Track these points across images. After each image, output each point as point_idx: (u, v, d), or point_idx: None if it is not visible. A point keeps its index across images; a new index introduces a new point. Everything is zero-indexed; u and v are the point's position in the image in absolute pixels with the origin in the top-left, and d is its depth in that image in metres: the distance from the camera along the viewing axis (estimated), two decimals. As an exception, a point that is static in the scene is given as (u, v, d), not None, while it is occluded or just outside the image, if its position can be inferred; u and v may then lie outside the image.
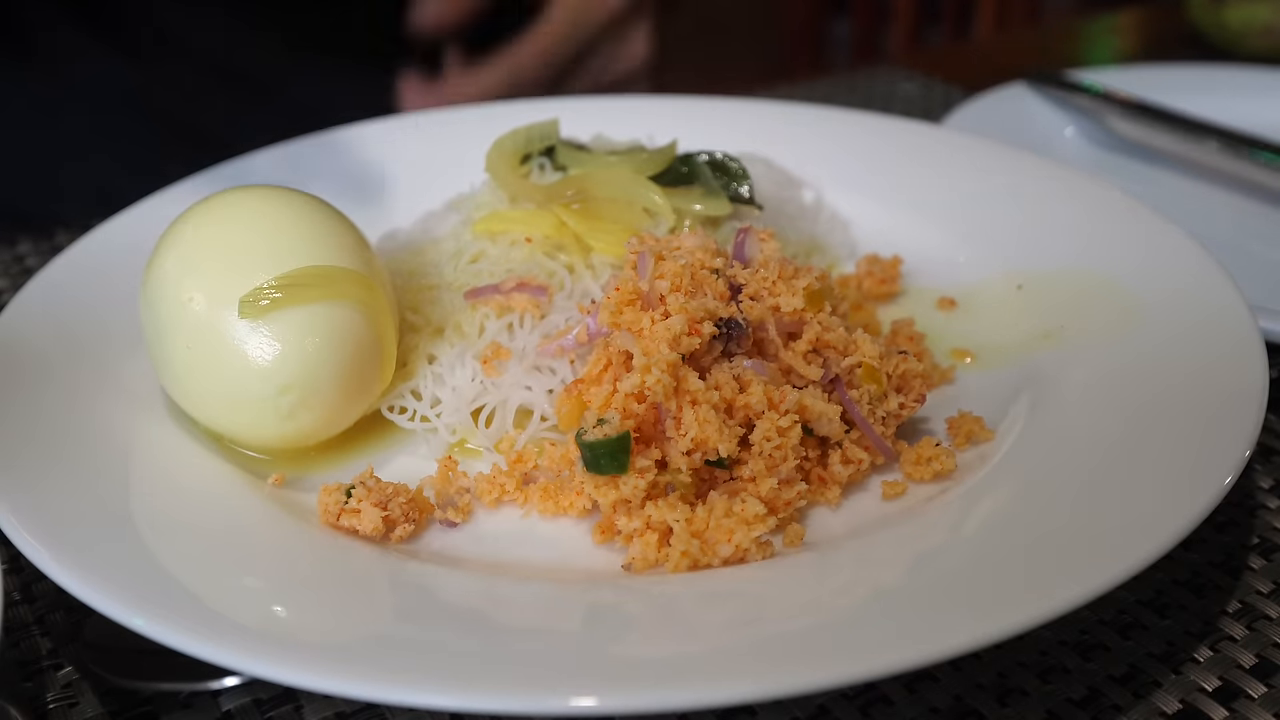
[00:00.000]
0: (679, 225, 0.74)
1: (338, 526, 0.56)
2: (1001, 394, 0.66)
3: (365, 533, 0.55)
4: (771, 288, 0.63)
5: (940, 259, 0.81)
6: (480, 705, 0.43)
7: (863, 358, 0.62)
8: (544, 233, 0.72)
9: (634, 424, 0.56)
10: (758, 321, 0.61)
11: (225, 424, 0.62)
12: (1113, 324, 0.68)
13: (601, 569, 0.55)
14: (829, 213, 0.88)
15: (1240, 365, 0.61)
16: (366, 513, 0.55)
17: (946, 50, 2.21)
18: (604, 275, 0.71)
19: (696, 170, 0.76)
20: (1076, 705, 0.52)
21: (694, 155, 0.78)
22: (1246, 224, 0.96)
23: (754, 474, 0.56)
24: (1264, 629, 0.56)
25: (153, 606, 0.47)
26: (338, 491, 0.56)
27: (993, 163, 0.89)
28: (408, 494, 0.57)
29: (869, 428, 0.60)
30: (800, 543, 0.56)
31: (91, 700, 0.53)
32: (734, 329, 0.60)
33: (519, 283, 0.69)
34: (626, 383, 0.57)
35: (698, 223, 0.74)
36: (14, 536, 0.51)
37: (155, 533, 0.53)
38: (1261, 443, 0.68)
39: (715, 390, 0.57)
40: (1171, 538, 0.50)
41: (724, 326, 0.60)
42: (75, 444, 0.58)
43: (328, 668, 0.44)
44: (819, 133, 0.95)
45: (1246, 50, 1.36)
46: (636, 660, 0.46)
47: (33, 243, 0.95)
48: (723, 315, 0.60)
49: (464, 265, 0.74)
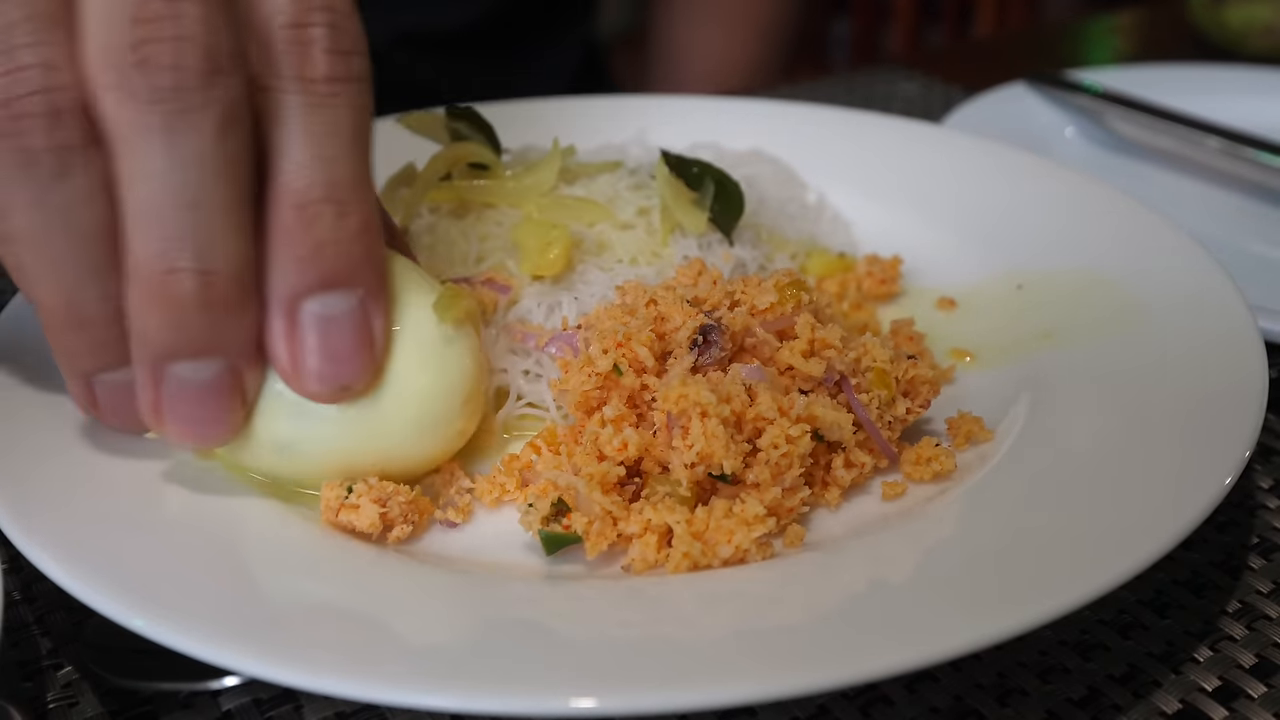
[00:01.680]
0: (667, 230, 0.74)
1: (336, 523, 0.56)
2: (1001, 394, 0.66)
3: (362, 529, 0.55)
4: (743, 294, 0.63)
5: (940, 259, 0.81)
6: (479, 706, 0.43)
7: (873, 362, 0.61)
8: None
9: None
10: (742, 328, 0.61)
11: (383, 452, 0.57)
12: (1112, 324, 0.69)
13: (600, 569, 0.55)
14: (831, 213, 0.88)
15: (1240, 365, 0.61)
16: (365, 509, 0.55)
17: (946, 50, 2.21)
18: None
19: (704, 182, 0.76)
20: (1076, 705, 0.52)
21: (710, 168, 0.76)
22: (1246, 224, 0.96)
23: (758, 480, 0.55)
24: (1264, 629, 0.56)
25: (153, 606, 0.47)
26: (339, 487, 0.56)
27: (993, 163, 0.89)
28: (408, 494, 0.57)
29: (876, 432, 0.60)
30: (800, 543, 0.56)
31: (91, 700, 0.53)
32: (710, 331, 0.60)
33: (487, 278, 0.70)
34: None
35: (673, 226, 0.74)
36: (14, 536, 0.51)
37: (155, 533, 0.53)
38: (1261, 443, 0.68)
39: (726, 403, 0.56)
40: (1172, 538, 0.50)
41: (701, 334, 0.60)
42: (75, 444, 0.58)
43: (327, 668, 0.44)
44: (818, 132, 0.95)
45: (1247, 50, 1.36)
46: (636, 661, 0.46)
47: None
48: (702, 324, 0.60)
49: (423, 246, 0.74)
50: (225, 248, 0.48)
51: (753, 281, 0.64)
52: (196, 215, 0.47)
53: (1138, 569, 0.48)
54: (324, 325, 0.51)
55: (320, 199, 0.49)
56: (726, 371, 0.60)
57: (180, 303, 0.47)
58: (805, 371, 0.60)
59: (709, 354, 0.60)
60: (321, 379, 0.52)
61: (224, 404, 0.52)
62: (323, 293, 0.50)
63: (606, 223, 0.74)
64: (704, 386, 0.56)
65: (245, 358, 0.51)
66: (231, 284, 0.48)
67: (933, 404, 0.64)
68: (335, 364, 0.52)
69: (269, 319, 0.51)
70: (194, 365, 0.50)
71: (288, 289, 0.50)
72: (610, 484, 0.56)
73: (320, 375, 0.52)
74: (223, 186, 0.47)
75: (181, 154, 0.46)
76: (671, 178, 0.74)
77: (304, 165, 0.48)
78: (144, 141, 0.46)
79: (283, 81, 0.48)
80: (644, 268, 0.73)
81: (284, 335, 0.51)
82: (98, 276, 0.49)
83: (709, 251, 0.75)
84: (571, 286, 0.71)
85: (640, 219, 0.75)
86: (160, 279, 0.47)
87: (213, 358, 0.50)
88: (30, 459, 0.56)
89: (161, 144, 0.46)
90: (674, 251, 0.74)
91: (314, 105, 0.48)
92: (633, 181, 0.78)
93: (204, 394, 0.51)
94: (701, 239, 0.75)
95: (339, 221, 0.49)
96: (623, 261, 0.73)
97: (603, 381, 0.59)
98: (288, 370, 0.52)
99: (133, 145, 0.46)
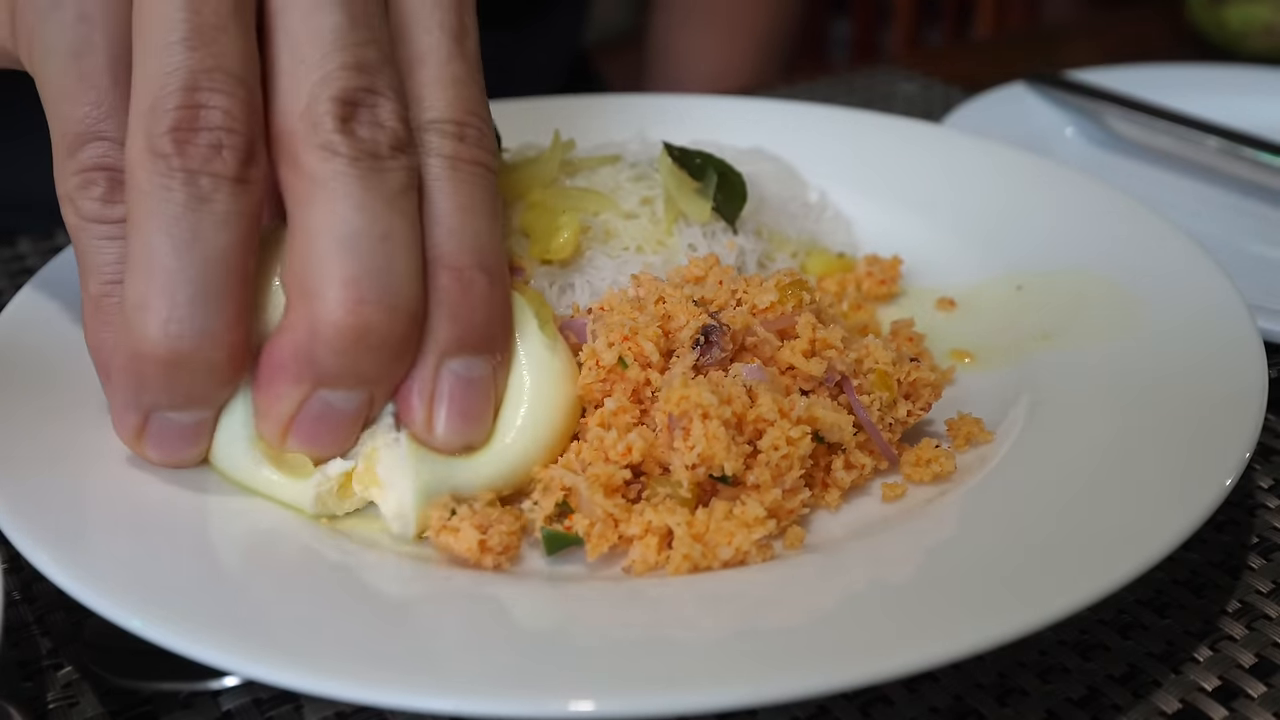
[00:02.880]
0: (670, 218, 0.74)
1: (437, 543, 0.55)
2: (1001, 394, 0.66)
3: (459, 553, 0.54)
4: (744, 294, 0.63)
5: (940, 259, 0.81)
6: (478, 708, 0.43)
7: (875, 363, 0.61)
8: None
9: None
10: (743, 327, 0.61)
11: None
12: (1112, 324, 0.68)
13: (601, 571, 0.55)
14: (833, 212, 0.88)
15: (1240, 365, 0.61)
16: (464, 533, 0.54)
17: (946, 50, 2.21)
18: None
19: (706, 173, 0.76)
20: (1076, 705, 0.52)
21: (713, 159, 0.77)
22: (1246, 224, 0.96)
23: (759, 482, 0.55)
24: (1264, 628, 0.56)
25: (152, 607, 0.47)
26: (443, 508, 0.55)
27: (993, 163, 0.89)
28: (511, 524, 0.55)
29: (877, 434, 0.60)
30: (801, 545, 0.56)
31: (91, 700, 0.53)
32: (711, 331, 0.60)
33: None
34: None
35: (677, 214, 0.75)
36: (14, 536, 0.51)
37: (155, 533, 0.53)
38: (1261, 443, 0.68)
39: (727, 405, 0.56)
40: (1173, 539, 0.50)
41: (704, 334, 0.60)
42: (75, 444, 0.58)
43: (327, 669, 0.44)
44: (818, 132, 0.95)
45: (1246, 50, 1.36)
46: (636, 663, 0.45)
47: (33, 243, 0.95)
48: (705, 324, 0.60)
49: None
50: (408, 284, 0.52)
51: (755, 280, 0.64)
52: (386, 248, 0.51)
53: (1138, 571, 0.48)
54: (463, 386, 0.55)
55: (474, 266, 0.54)
56: (728, 371, 0.60)
57: (365, 334, 0.51)
58: (806, 371, 0.60)
59: (710, 354, 0.60)
60: (449, 433, 0.55)
61: (354, 428, 0.56)
62: (466, 355, 0.54)
63: (610, 212, 0.74)
64: (705, 388, 0.56)
65: (386, 392, 0.55)
66: (409, 322, 0.52)
67: (933, 406, 0.64)
68: (466, 422, 0.55)
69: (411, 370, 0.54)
70: (347, 395, 0.53)
71: (436, 346, 0.53)
72: (614, 487, 0.56)
73: (449, 429, 0.55)
74: (408, 230, 0.52)
75: (375, 198, 0.51)
76: (675, 168, 0.75)
77: (458, 234, 0.53)
78: (339, 183, 0.50)
79: (442, 160, 0.54)
80: (651, 255, 0.74)
81: (423, 388, 0.54)
82: (207, 306, 0.50)
83: (713, 240, 0.75)
84: (582, 271, 0.72)
85: (644, 209, 0.76)
86: (350, 308, 0.50)
87: (365, 388, 0.54)
88: (30, 459, 0.56)
89: (357, 188, 0.50)
90: (679, 240, 0.74)
91: (464, 181, 0.54)
92: (634, 173, 0.78)
93: (344, 419, 0.54)
94: (706, 228, 0.76)
95: (490, 290, 0.54)
96: (629, 249, 0.74)
97: (606, 375, 0.59)
98: (419, 420, 0.55)
99: (327, 186, 0.50)
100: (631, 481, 0.57)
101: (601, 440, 0.57)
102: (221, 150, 0.50)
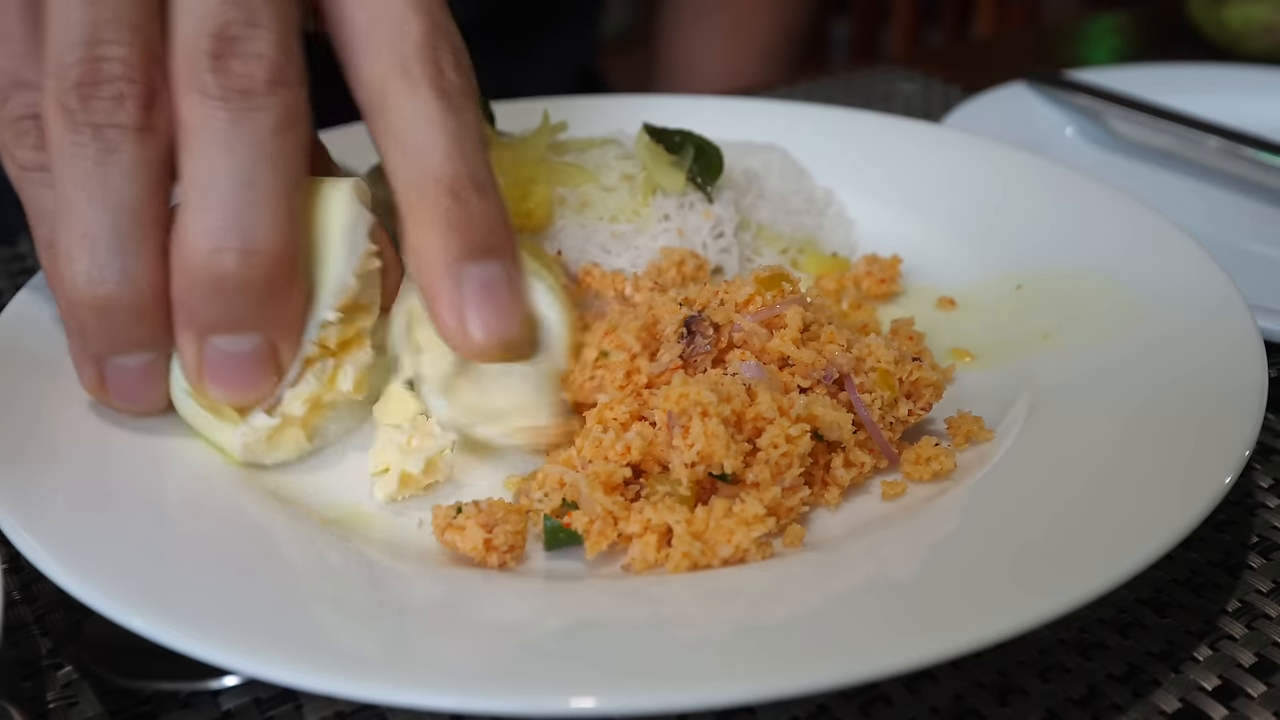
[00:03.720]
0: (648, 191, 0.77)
1: (443, 541, 0.55)
2: (1001, 394, 0.66)
3: (465, 551, 0.54)
4: (726, 295, 0.64)
5: (940, 259, 0.81)
6: (479, 706, 0.43)
7: (877, 362, 0.61)
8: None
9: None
10: (726, 320, 0.62)
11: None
12: (1112, 324, 0.69)
13: (600, 569, 0.55)
14: (837, 209, 0.88)
15: (1240, 365, 0.61)
16: (470, 532, 0.54)
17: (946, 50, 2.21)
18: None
19: (684, 148, 0.80)
20: (1076, 704, 0.52)
21: (691, 135, 0.81)
22: (1246, 224, 0.96)
23: (758, 480, 0.55)
24: (1263, 628, 0.56)
25: (152, 606, 0.47)
26: (449, 507, 0.56)
27: (993, 163, 0.89)
28: (516, 523, 0.55)
29: (878, 432, 0.60)
30: (800, 543, 0.56)
31: (91, 700, 0.53)
32: (693, 322, 0.61)
33: None
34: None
35: (652, 186, 0.78)
36: (14, 536, 0.51)
37: (155, 533, 0.53)
38: (1261, 442, 0.68)
39: (726, 403, 0.56)
40: (1172, 537, 0.50)
41: (686, 325, 0.61)
42: (75, 443, 0.58)
43: (327, 668, 0.44)
44: (818, 132, 0.95)
45: (1246, 50, 1.36)
46: (636, 661, 0.46)
47: (33, 243, 0.95)
48: (686, 316, 0.61)
49: None
50: (270, 230, 0.53)
51: (736, 282, 0.65)
52: (247, 195, 0.52)
53: (1138, 568, 0.48)
54: (484, 287, 0.56)
55: (468, 184, 0.56)
56: (719, 365, 0.60)
57: (222, 280, 0.52)
58: (799, 359, 0.60)
59: (694, 344, 0.60)
60: (487, 334, 0.57)
61: (260, 373, 0.57)
62: (480, 260, 0.56)
63: (590, 185, 0.77)
64: (704, 386, 0.56)
65: (282, 333, 0.57)
66: (274, 264, 0.53)
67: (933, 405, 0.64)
68: (499, 318, 0.57)
69: (432, 286, 0.56)
70: (233, 339, 0.55)
71: (450, 256, 0.56)
72: (613, 484, 0.56)
73: (486, 330, 0.57)
74: (274, 175, 0.53)
75: (241, 143, 0.52)
76: (651, 143, 0.79)
77: (451, 156, 0.56)
78: (209, 129, 0.52)
79: (424, 91, 0.55)
80: (624, 225, 0.77)
81: (449, 298, 0.56)
82: (124, 253, 0.53)
83: (690, 211, 0.78)
84: (553, 238, 0.75)
85: (623, 183, 0.79)
86: (206, 256, 0.52)
87: (251, 332, 0.55)
88: (30, 459, 0.56)
89: (224, 133, 0.52)
90: (654, 211, 0.78)
91: (453, 109, 0.56)
92: (621, 153, 0.81)
93: (242, 364, 0.56)
94: (683, 198, 0.79)
95: (485, 202, 0.56)
96: (603, 219, 0.77)
97: (594, 370, 0.60)
98: (454, 329, 0.57)
99: (198, 132, 0.52)
100: (631, 480, 0.57)
101: (600, 442, 0.57)
102: (124, 101, 0.52)
